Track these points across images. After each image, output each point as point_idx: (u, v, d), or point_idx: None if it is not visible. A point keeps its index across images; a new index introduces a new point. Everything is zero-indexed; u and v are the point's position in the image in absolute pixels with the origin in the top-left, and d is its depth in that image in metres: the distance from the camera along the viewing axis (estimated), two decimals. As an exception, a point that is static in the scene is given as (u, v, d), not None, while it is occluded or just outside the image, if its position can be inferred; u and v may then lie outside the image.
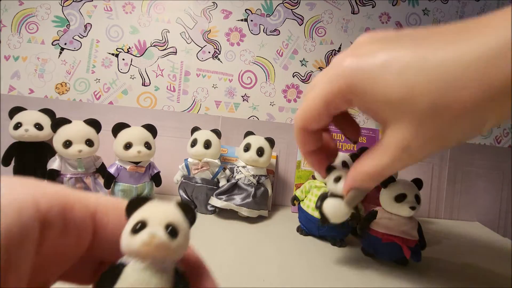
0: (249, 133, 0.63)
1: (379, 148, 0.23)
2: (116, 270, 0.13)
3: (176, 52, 0.75)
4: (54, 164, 0.54)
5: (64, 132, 0.53)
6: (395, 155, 0.22)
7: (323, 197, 0.39)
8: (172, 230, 0.14)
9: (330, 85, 0.23)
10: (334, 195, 0.37)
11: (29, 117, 0.60)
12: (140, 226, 0.13)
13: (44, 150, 0.62)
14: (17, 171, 0.61)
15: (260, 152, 0.58)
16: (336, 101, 0.23)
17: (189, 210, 0.15)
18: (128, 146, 0.53)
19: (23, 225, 0.10)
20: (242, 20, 0.76)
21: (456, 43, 0.19)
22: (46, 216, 0.12)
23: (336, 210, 0.36)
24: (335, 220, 0.37)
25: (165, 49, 0.75)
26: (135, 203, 0.15)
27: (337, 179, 0.36)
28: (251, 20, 0.76)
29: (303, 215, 0.53)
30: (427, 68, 0.19)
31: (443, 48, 0.19)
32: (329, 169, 0.38)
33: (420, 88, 0.19)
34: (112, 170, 0.53)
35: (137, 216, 0.14)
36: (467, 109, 0.19)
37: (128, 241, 0.13)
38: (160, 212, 0.14)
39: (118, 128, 0.55)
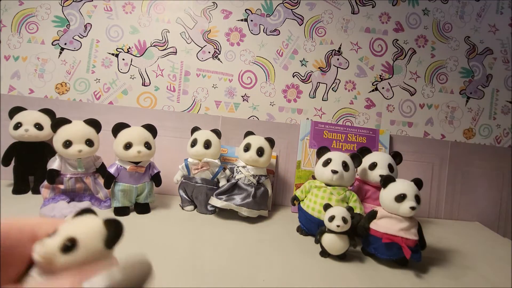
0: (249, 133, 0.63)
1: None
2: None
3: (176, 52, 0.75)
4: (54, 164, 0.54)
5: (64, 132, 0.53)
6: None
7: (321, 232, 0.46)
8: (69, 245, 0.15)
9: None
10: (330, 231, 0.44)
11: (29, 117, 0.60)
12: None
13: (44, 150, 0.62)
14: (17, 171, 0.61)
15: (260, 152, 0.58)
16: None
17: (110, 228, 0.16)
18: (128, 146, 0.53)
19: None
20: (242, 20, 0.76)
21: None
22: None
23: (332, 244, 0.44)
24: (333, 253, 0.45)
25: (165, 49, 0.75)
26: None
27: (331, 219, 0.44)
28: (251, 20, 0.76)
29: (303, 215, 0.53)
30: None
31: None
32: (326, 207, 0.46)
33: None
34: (112, 170, 0.53)
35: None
36: None
37: None
38: (71, 226, 0.16)
39: (118, 128, 0.55)
